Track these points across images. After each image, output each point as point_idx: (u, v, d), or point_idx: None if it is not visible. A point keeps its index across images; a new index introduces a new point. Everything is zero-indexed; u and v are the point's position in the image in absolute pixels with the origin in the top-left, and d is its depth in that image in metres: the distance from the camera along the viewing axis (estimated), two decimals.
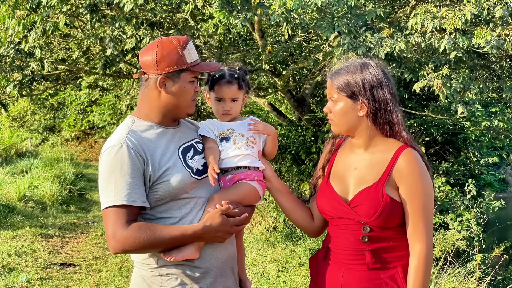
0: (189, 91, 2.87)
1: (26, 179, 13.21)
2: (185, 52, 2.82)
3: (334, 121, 2.83)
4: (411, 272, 2.71)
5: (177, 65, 2.80)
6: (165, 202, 2.78)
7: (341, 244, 2.83)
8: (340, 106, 2.79)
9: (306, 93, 11.45)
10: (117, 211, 2.67)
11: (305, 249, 8.72)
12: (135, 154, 2.70)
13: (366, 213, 2.71)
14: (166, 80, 2.82)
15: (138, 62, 2.93)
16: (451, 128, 11.60)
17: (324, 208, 2.88)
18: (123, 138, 2.74)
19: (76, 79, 14.20)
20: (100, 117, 23.12)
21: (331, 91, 2.81)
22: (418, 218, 2.71)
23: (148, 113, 2.88)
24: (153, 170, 2.73)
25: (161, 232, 2.68)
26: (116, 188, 2.67)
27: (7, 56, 7.99)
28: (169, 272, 2.79)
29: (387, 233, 2.76)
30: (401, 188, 2.73)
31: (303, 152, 11.24)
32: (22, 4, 7.25)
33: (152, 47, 2.83)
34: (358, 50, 5.85)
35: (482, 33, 5.67)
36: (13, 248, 8.59)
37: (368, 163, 2.81)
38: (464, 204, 8.99)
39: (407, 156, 2.74)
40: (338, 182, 2.87)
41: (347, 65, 2.82)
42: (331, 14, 6.41)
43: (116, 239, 2.66)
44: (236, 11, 5.94)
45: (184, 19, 8.56)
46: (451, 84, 6.15)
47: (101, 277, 7.68)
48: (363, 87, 2.75)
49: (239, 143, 2.97)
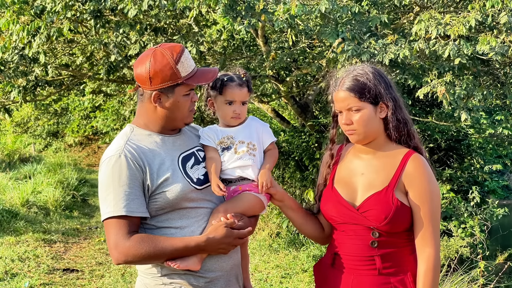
0: (185, 104, 2.83)
1: (30, 184, 13.20)
2: (179, 66, 2.76)
3: (357, 131, 2.78)
4: (421, 276, 2.72)
5: (171, 81, 2.76)
6: (166, 212, 2.76)
7: (350, 250, 2.82)
8: (364, 113, 2.76)
9: (310, 99, 11.45)
10: (117, 222, 2.65)
11: (308, 256, 8.69)
12: (133, 164, 2.69)
13: (377, 218, 2.71)
14: (161, 95, 2.78)
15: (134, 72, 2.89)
16: (455, 135, 11.59)
17: (330, 214, 2.87)
18: (121, 148, 2.73)
19: (79, 84, 14.23)
20: (104, 122, 23.11)
21: (350, 102, 2.76)
22: (428, 222, 2.73)
23: (147, 123, 2.87)
24: (151, 179, 2.72)
25: (164, 243, 2.66)
26: (114, 199, 2.65)
27: (12, 62, 8.01)
28: (173, 281, 2.77)
29: (394, 238, 2.77)
30: (411, 193, 2.74)
31: (307, 158, 11.24)
32: (27, 10, 7.28)
33: (145, 60, 2.77)
34: (362, 56, 5.85)
35: (486, 40, 5.67)
36: (16, 253, 8.58)
37: (376, 168, 2.82)
38: (468, 211, 8.97)
39: (416, 162, 2.76)
40: (344, 187, 2.86)
41: (355, 73, 2.80)
42: (335, 21, 6.41)
43: (119, 251, 2.64)
44: (240, 17, 5.94)
45: (188, 25, 8.57)
46: (455, 90, 6.14)
47: (104, 283, 7.67)
48: (382, 89, 2.77)
49: (240, 151, 2.92)
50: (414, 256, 2.80)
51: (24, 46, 7.52)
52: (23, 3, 7.17)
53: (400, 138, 2.85)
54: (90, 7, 7.05)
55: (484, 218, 8.72)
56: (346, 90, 2.76)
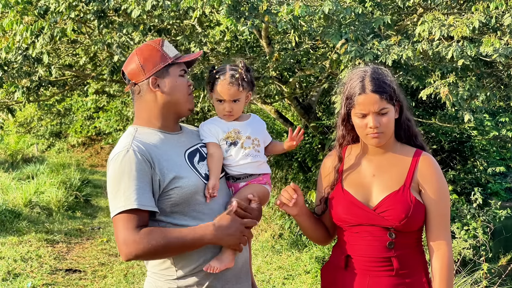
0: (183, 84, 2.87)
1: (32, 184, 13.24)
2: (165, 49, 2.84)
3: (385, 133, 2.77)
4: (437, 273, 2.76)
5: (162, 62, 2.82)
6: (180, 208, 2.74)
7: (365, 251, 2.81)
8: (391, 115, 2.77)
9: (313, 100, 11.43)
10: (127, 216, 2.62)
11: (311, 257, 8.68)
12: (142, 158, 2.67)
13: (396, 217, 2.72)
14: (158, 80, 2.82)
15: (124, 77, 2.92)
16: (458, 137, 11.57)
17: (343, 216, 2.85)
18: (128, 144, 2.72)
19: (83, 85, 14.22)
20: (107, 123, 23.14)
21: (381, 105, 2.73)
22: (442, 220, 2.79)
23: (149, 119, 2.87)
24: (161, 175, 2.70)
25: (172, 234, 2.64)
26: (125, 193, 2.63)
27: (15, 62, 8.01)
28: (188, 284, 2.74)
29: (407, 239, 2.79)
30: (427, 191, 2.78)
31: (310, 160, 11.23)
32: (30, 10, 7.27)
33: (132, 56, 2.86)
34: (365, 57, 5.84)
35: (490, 41, 5.66)
36: (19, 253, 8.60)
37: (387, 169, 2.84)
38: (471, 213, 8.95)
39: (428, 161, 2.81)
40: (356, 189, 2.86)
41: (378, 75, 2.78)
42: (339, 22, 6.40)
43: (127, 245, 2.60)
44: (244, 18, 5.94)
45: (192, 26, 8.57)
46: (458, 91, 6.13)
47: (107, 283, 7.68)
48: (396, 89, 2.79)
49: (247, 147, 2.93)
50: (423, 257, 2.86)
51: (28, 47, 7.53)
52: (27, 3, 7.17)
53: (407, 138, 2.89)
54: (94, 8, 7.06)
55: (487, 220, 8.69)
56: (376, 93, 2.73)
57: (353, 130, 2.90)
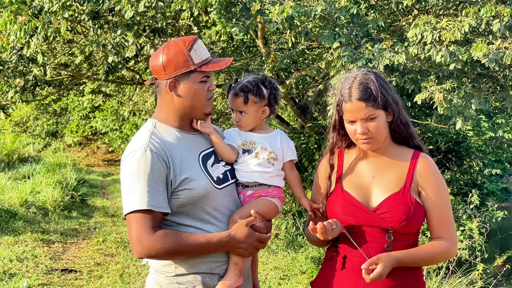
0: (201, 91, 2.85)
1: (28, 184, 13.19)
2: (192, 53, 2.81)
3: (374, 138, 2.78)
4: (428, 245, 2.81)
5: (184, 67, 2.79)
6: (186, 209, 2.76)
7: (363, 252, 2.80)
8: (381, 120, 2.77)
9: (309, 100, 11.44)
10: (142, 216, 2.66)
11: (307, 257, 8.68)
12: (159, 159, 2.69)
13: (397, 219, 2.73)
14: (176, 83, 2.82)
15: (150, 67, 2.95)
16: (454, 138, 11.58)
17: (342, 216, 2.84)
18: (146, 142, 2.73)
19: (79, 84, 14.22)
20: (103, 123, 23.12)
21: (367, 111, 2.74)
22: (445, 218, 2.81)
23: (167, 117, 2.89)
24: (174, 175, 2.72)
25: (187, 239, 2.68)
26: (140, 193, 2.65)
27: (10, 62, 8.01)
28: (187, 281, 2.77)
29: (405, 242, 2.79)
30: (426, 192, 2.80)
31: (306, 160, 11.23)
32: (24, 10, 7.27)
33: (159, 51, 2.85)
34: (358, 62, 5.82)
35: (479, 46, 5.65)
36: (15, 253, 8.57)
37: (386, 170, 2.85)
38: (467, 214, 8.97)
39: (426, 161, 2.84)
40: (356, 190, 2.86)
41: (363, 81, 2.78)
42: (334, 23, 6.40)
43: (142, 245, 2.65)
44: (236, 19, 5.93)
45: (188, 26, 8.57)
46: (452, 98, 6.11)
47: (102, 283, 7.66)
48: (388, 94, 2.79)
49: (261, 157, 2.95)
50: None
51: (23, 46, 7.52)
52: (21, 3, 7.17)
53: (404, 139, 2.89)
54: (88, 8, 7.05)
55: (483, 220, 8.71)
56: (361, 101, 2.74)
57: (347, 135, 2.91)
